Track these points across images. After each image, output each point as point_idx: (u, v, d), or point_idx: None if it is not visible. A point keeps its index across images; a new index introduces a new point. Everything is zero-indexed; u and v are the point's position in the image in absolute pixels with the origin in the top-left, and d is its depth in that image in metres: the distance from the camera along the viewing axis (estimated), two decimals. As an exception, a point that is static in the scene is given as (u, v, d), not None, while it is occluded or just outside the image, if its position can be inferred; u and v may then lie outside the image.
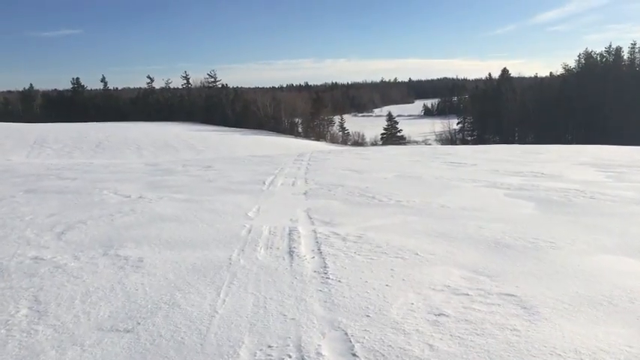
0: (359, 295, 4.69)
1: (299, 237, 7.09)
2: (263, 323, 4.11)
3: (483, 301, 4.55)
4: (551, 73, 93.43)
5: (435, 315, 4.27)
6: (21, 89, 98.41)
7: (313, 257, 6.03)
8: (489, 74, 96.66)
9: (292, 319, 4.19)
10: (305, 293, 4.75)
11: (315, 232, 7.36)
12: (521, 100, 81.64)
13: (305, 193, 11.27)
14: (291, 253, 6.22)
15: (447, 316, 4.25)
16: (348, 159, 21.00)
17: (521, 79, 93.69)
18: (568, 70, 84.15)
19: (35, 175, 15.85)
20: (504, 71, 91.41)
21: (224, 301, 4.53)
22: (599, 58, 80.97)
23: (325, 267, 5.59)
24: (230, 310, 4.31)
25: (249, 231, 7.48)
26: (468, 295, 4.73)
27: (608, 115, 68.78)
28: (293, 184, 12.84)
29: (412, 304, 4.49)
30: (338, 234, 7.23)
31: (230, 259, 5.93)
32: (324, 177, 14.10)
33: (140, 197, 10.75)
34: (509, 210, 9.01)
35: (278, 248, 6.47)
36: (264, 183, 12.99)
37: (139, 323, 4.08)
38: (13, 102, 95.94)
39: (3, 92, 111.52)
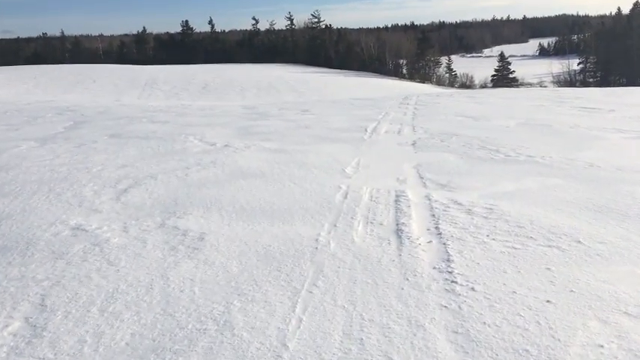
0: (507, 322, 3.02)
1: (408, 206, 5.44)
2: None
3: None
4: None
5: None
6: (135, 32, 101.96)
7: (430, 241, 4.38)
8: (618, 8, 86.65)
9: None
10: (422, 311, 3.15)
11: (430, 200, 5.68)
12: (656, 38, 72.61)
13: (413, 144, 9.52)
14: (399, 232, 4.61)
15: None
16: (460, 103, 18.72)
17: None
18: None
19: (129, 117, 15.21)
20: (636, 5, 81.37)
21: (300, 321, 3.03)
22: None
23: (449, 260, 3.93)
24: (306, 344, 2.81)
25: (345, 195, 5.93)
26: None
27: None
28: (399, 132, 11.09)
29: (601, 346, 2.76)
30: (460, 203, 5.50)
31: (317, 240, 4.41)
32: (434, 124, 12.19)
33: (226, 145, 9.51)
34: (691, 174, 6.79)
35: (381, 224, 4.87)
36: (365, 130, 11.34)
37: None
38: (129, 45, 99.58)
39: (120, 35, 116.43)
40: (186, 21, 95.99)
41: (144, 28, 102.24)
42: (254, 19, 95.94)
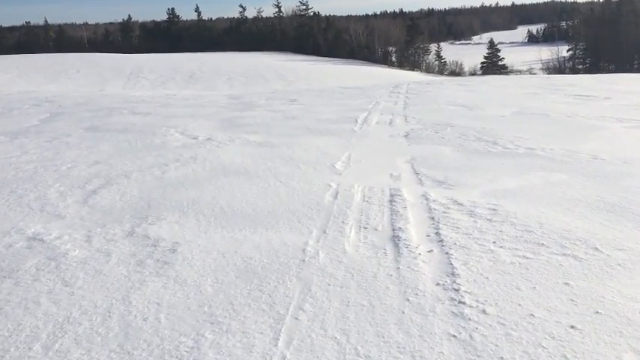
0: (529, 356, 2.55)
1: (405, 208, 4.97)
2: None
3: None
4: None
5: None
6: (120, 21, 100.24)
7: (431, 250, 3.91)
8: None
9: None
10: (428, 343, 2.67)
11: (427, 200, 5.21)
12: (645, 24, 72.36)
13: (406, 136, 9.05)
14: (395, 240, 4.12)
15: None
16: (451, 91, 18.24)
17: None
18: None
19: (109, 109, 14.57)
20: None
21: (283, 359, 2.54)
22: None
23: (454, 274, 3.46)
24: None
25: (336, 195, 5.44)
26: None
27: None
28: (390, 123, 10.60)
29: (644, 390, 2.30)
30: (460, 203, 5.04)
31: (304, 250, 3.92)
32: (427, 114, 11.71)
33: (209, 139, 8.98)
34: None
35: (376, 229, 4.39)
36: (356, 121, 10.84)
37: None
38: (114, 33, 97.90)
39: (105, 24, 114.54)
40: (173, 9, 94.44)
41: (129, 16, 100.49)
42: (241, 6, 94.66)
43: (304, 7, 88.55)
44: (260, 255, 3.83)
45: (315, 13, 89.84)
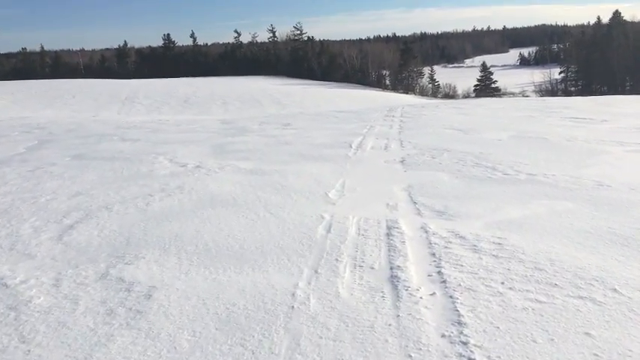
0: None
1: (403, 242, 4.61)
2: None
3: None
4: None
5: None
6: (116, 47, 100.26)
7: (433, 293, 3.54)
8: (598, 18, 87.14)
9: None
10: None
11: (427, 232, 4.86)
12: (635, 47, 72.91)
13: (402, 162, 8.74)
14: (394, 280, 3.76)
15: None
16: (447, 114, 18.02)
17: (632, 24, 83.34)
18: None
19: (99, 135, 14.25)
20: (616, 14, 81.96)
21: None
22: None
23: (460, 323, 3.09)
24: None
25: (329, 227, 5.09)
26: None
27: None
28: (386, 148, 10.30)
29: None
30: (463, 237, 4.69)
31: (294, 294, 3.54)
32: (422, 138, 11.42)
33: (198, 166, 8.64)
34: None
35: (372, 267, 4.03)
36: (350, 146, 10.54)
37: None
38: (110, 59, 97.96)
39: (101, 50, 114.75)
40: (168, 34, 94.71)
41: (125, 42, 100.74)
42: (236, 32, 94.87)
43: (298, 31, 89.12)
44: (244, 301, 3.46)
45: (309, 37, 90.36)
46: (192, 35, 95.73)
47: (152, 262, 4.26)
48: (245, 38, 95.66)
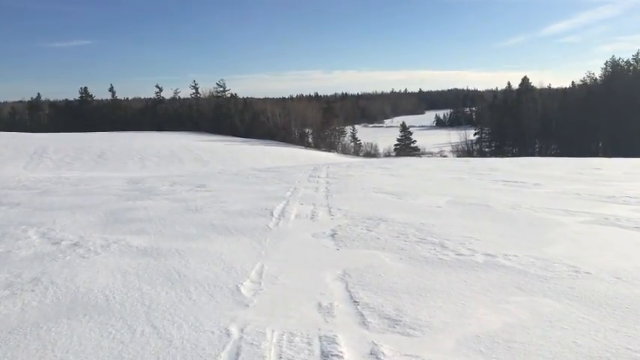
0: None
1: (348, 383, 3.03)
2: None
3: None
4: (573, 82, 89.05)
5: None
6: (29, 99, 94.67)
7: None
8: (508, 83, 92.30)
9: None
10: None
11: (380, 361, 3.30)
12: (543, 111, 77.34)
13: (333, 235, 7.29)
14: None
15: None
16: (375, 175, 16.95)
17: (540, 90, 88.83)
18: (593, 79, 79.47)
19: (-29, 197, 11.91)
20: (525, 80, 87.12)
21: None
22: (626, 66, 76.20)
23: None
24: None
25: (237, 354, 3.43)
26: None
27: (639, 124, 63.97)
28: (312, 217, 8.81)
29: None
30: (432, 369, 3.16)
31: None
32: (353, 204, 10.05)
33: (75, 244, 6.77)
34: None
35: None
36: (271, 214, 8.98)
37: None
38: (21, 111, 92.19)
39: (12, 102, 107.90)
40: (85, 88, 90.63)
41: (38, 94, 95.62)
42: (157, 87, 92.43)
43: (221, 88, 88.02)
44: None
45: (232, 94, 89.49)
46: (112, 89, 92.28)
47: None
48: (167, 94, 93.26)
